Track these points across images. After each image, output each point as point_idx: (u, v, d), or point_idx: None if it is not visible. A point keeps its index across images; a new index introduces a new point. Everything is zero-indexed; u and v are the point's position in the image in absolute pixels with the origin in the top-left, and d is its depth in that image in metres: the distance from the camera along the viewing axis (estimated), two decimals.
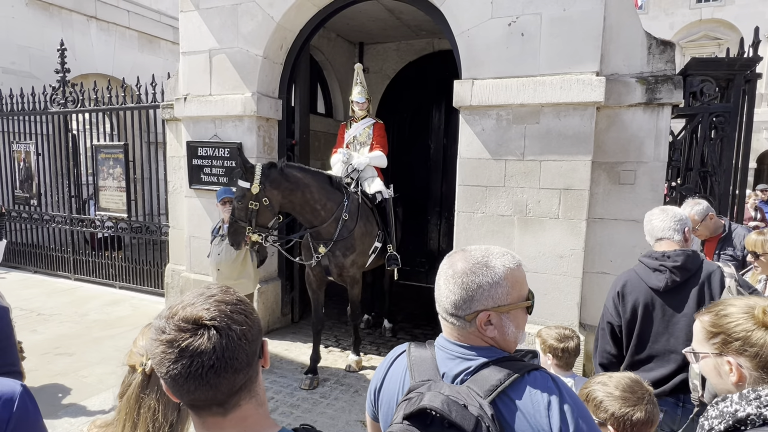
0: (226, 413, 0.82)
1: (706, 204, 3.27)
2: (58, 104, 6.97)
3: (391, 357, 1.24)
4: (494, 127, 3.96)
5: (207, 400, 0.81)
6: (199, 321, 0.79)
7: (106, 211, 6.70)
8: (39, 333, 5.07)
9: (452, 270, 1.08)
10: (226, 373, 0.78)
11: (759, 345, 1.09)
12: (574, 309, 3.86)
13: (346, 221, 4.09)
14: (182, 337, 0.78)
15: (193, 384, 0.78)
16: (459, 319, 1.07)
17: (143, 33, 10.31)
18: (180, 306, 0.82)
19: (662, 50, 3.70)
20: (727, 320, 1.15)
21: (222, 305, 0.82)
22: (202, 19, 5.08)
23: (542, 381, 1.01)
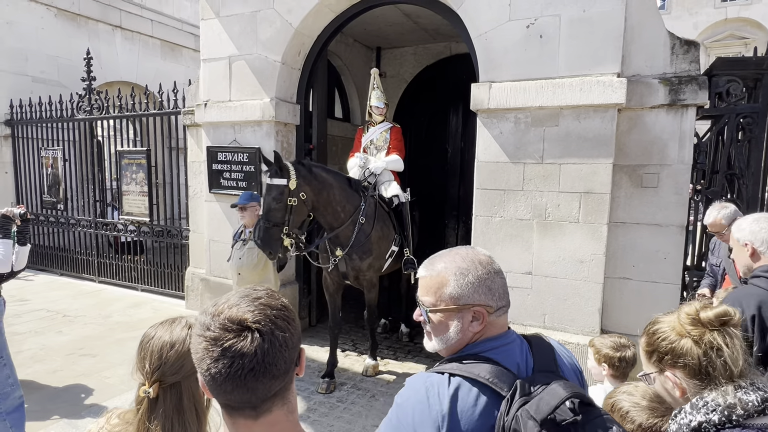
0: (258, 417, 0.83)
1: (733, 208, 3.17)
2: (84, 111, 7.17)
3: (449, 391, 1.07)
4: (512, 130, 3.92)
5: (241, 402, 0.81)
6: (244, 323, 0.79)
7: (129, 215, 6.85)
8: (64, 334, 5.20)
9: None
10: (264, 378, 0.79)
11: (684, 354, 1.09)
12: (595, 315, 3.78)
13: (362, 225, 4.09)
14: (226, 337, 0.78)
15: (231, 385, 0.78)
16: None
17: (166, 41, 10.55)
18: (226, 305, 0.82)
19: (686, 50, 3.61)
20: (656, 336, 1.15)
21: (267, 309, 0.82)
22: (222, 27, 5.17)
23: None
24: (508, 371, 1.04)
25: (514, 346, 1.11)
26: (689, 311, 1.13)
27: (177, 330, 1.15)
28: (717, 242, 3.40)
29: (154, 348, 1.12)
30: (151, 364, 1.10)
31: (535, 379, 1.02)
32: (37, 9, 8.31)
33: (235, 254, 4.27)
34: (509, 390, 1.00)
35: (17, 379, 2.84)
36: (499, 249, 4.04)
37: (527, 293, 3.99)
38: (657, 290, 3.77)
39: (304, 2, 4.70)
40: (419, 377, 1.09)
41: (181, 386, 1.11)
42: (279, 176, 3.62)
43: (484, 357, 1.07)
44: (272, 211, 3.61)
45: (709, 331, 1.09)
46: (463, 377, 1.03)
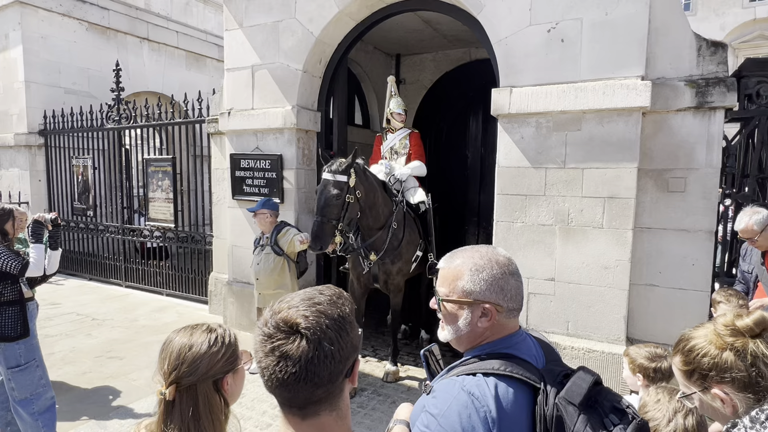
0: (304, 418, 0.85)
1: (766, 213, 3.07)
2: (113, 121, 7.41)
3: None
4: (534, 135, 3.89)
5: (286, 400, 0.85)
6: (295, 327, 0.82)
7: (155, 221, 7.03)
8: (93, 337, 5.34)
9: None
10: (305, 384, 0.81)
11: (730, 367, 1.05)
12: (621, 322, 3.69)
13: (395, 230, 4.15)
14: (277, 336, 0.82)
15: (275, 382, 0.82)
16: None
17: (190, 52, 10.83)
18: (286, 305, 0.86)
19: (713, 51, 3.53)
20: (694, 354, 1.11)
21: (322, 317, 0.84)
22: (246, 37, 5.28)
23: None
24: (529, 365, 1.09)
25: (529, 342, 1.17)
26: (726, 322, 1.10)
27: (197, 334, 1.18)
28: (748, 248, 3.29)
29: (174, 349, 1.15)
30: (169, 365, 1.13)
31: (553, 369, 1.09)
32: (69, 24, 8.64)
33: (254, 259, 4.35)
34: (540, 381, 1.04)
35: (49, 380, 2.93)
36: (520, 255, 3.99)
37: (550, 300, 3.93)
38: (686, 298, 3.67)
39: (324, 11, 4.78)
40: (451, 383, 1.08)
41: (197, 390, 1.12)
42: (341, 172, 3.66)
43: (507, 353, 1.10)
44: (329, 207, 3.63)
45: (751, 340, 1.06)
46: (496, 375, 1.05)
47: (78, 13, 8.70)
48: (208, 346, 1.15)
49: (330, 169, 3.70)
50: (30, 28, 8.17)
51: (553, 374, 1.06)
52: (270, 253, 4.22)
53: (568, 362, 3.83)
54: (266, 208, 4.27)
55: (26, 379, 2.76)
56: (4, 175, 8.78)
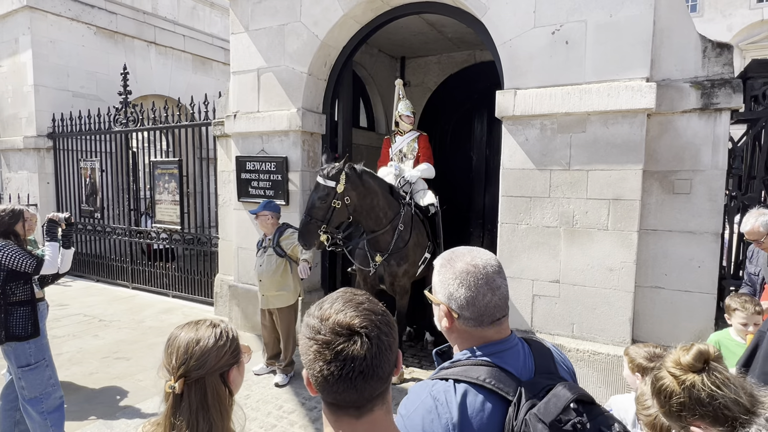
0: (361, 416, 0.86)
1: None
2: (120, 124, 7.48)
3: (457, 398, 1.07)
4: (538, 137, 3.89)
5: (348, 402, 0.85)
6: (353, 327, 0.84)
7: (161, 223, 7.08)
8: (100, 338, 5.39)
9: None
10: (372, 380, 0.83)
11: (694, 404, 1.07)
12: (626, 325, 3.68)
13: (401, 232, 4.17)
14: (338, 341, 0.82)
15: (342, 386, 0.82)
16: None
17: (197, 55, 10.92)
18: (332, 310, 0.87)
19: (719, 53, 3.52)
20: (662, 396, 1.13)
21: (371, 315, 0.87)
22: (251, 40, 5.33)
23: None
24: (510, 375, 1.04)
25: (517, 350, 1.11)
26: (672, 362, 1.13)
27: (202, 329, 1.21)
28: (755, 250, 3.28)
29: (181, 344, 1.16)
30: (177, 359, 1.15)
31: (538, 383, 1.03)
32: (78, 28, 8.74)
33: (257, 261, 4.38)
34: (514, 394, 1.00)
35: (58, 380, 2.97)
36: (525, 257, 3.99)
37: (555, 302, 3.93)
38: (692, 300, 3.65)
39: (330, 14, 4.81)
40: (423, 386, 1.09)
41: (205, 382, 1.14)
42: (330, 178, 3.75)
43: (486, 361, 1.07)
44: (315, 208, 3.76)
45: (696, 375, 1.08)
46: (468, 383, 1.03)
47: (86, 18, 8.80)
48: (215, 340, 1.18)
49: (322, 174, 3.80)
50: (39, 32, 8.27)
51: (536, 387, 1.02)
52: (272, 254, 4.25)
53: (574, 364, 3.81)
54: (268, 210, 4.30)
55: (36, 378, 2.80)
56: (13, 177, 8.88)
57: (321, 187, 3.76)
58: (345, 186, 3.76)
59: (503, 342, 1.10)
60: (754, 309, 2.48)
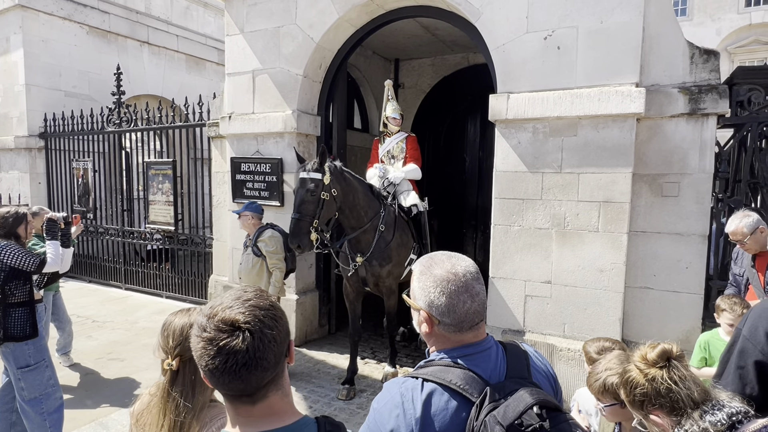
0: (255, 403, 0.94)
1: (757, 217, 3.14)
2: (113, 124, 7.46)
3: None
4: (530, 140, 3.96)
5: (238, 392, 0.92)
6: (235, 324, 0.90)
7: (155, 224, 7.07)
8: (94, 339, 5.38)
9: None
10: (255, 370, 0.89)
11: (653, 395, 1.20)
12: (616, 325, 3.76)
13: (383, 232, 4.17)
14: (220, 337, 0.89)
15: (228, 377, 0.89)
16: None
17: (190, 55, 10.89)
18: (220, 308, 0.93)
19: (706, 59, 3.61)
20: (629, 386, 1.26)
21: (256, 310, 0.93)
22: (246, 42, 5.35)
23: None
24: (479, 378, 1.07)
25: (490, 353, 1.14)
26: (639, 356, 1.26)
27: (194, 315, 1.35)
28: (740, 251, 3.36)
29: (176, 327, 1.33)
30: (173, 340, 1.31)
31: (505, 386, 1.06)
32: (70, 27, 8.69)
33: (240, 260, 4.44)
34: (479, 396, 1.03)
35: (58, 381, 2.98)
36: (518, 258, 4.06)
37: (546, 302, 3.99)
38: (679, 300, 3.74)
39: (325, 17, 4.85)
40: (396, 382, 1.14)
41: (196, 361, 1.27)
42: (315, 171, 3.74)
43: (458, 363, 1.10)
44: (305, 203, 3.71)
45: (659, 371, 1.21)
46: (436, 383, 1.07)
47: (79, 17, 8.75)
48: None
49: (305, 168, 3.79)
50: (31, 31, 8.21)
51: (502, 391, 1.04)
52: (250, 254, 4.28)
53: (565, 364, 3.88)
54: (250, 210, 4.35)
55: (36, 379, 2.81)
56: (3, 177, 8.81)
57: (308, 180, 3.72)
58: (331, 178, 3.76)
59: (477, 345, 1.14)
60: (742, 310, 2.57)
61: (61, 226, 2.92)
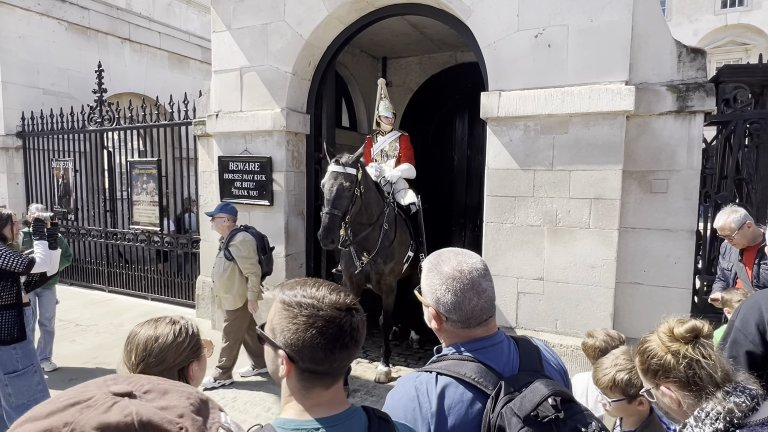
0: (331, 385, 0.96)
1: (744, 212, 3.21)
2: (95, 123, 7.27)
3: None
4: (522, 138, 3.98)
5: (337, 369, 0.96)
6: (348, 305, 0.96)
7: (139, 224, 6.92)
8: (78, 343, 5.24)
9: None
10: (356, 347, 0.97)
11: (671, 368, 1.18)
12: (607, 320, 3.80)
13: (386, 230, 4.17)
14: (341, 316, 0.93)
15: (344, 353, 0.94)
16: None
17: (173, 53, 10.68)
18: (320, 293, 0.95)
19: (693, 58, 3.67)
20: (646, 355, 1.24)
21: (350, 296, 0.99)
22: (234, 39, 5.26)
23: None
24: (493, 371, 1.08)
25: (502, 347, 1.15)
26: (665, 329, 1.24)
27: (161, 326, 1.26)
28: (728, 246, 3.44)
29: (140, 341, 1.22)
30: (136, 356, 1.21)
31: (520, 378, 1.07)
32: (48, 23, 8.44)
33: (214, 262, 4.32)
34: (494, 389, 1.04)
35: (46, 386, 2.89)
36: (510, 255, 4.08)
37: (539, 299, 4.02)
38: (669, 295, 3.80)
39: (314, 14, 4.80)
40: (410, 377, 1.15)
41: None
42: (351, 166, 3.69)
43: (470, 357, 1.11)
44: (340, 199, 3.65)
45: (684, 345, 1.19)
46: (450, 376, 1.08)
47: (57, 13, 8.50)
48: (173, 337, 1.23)
49: (339, 162, 3.71)
50: (7, 27, 7.95)
51: (516, 383, 1.05)
52: (222, 257, 4.17)
53: None
54: (224, 212, 4.21)
55: (24, 385, 2.72)
56: None
57: (343, 175, 3.63)
58: (362, 174, 3.73)
59: (488, 339, 1.15)
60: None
61: (48, 225, 2.83)
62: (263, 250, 4.27)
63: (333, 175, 3.69)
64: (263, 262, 4.25)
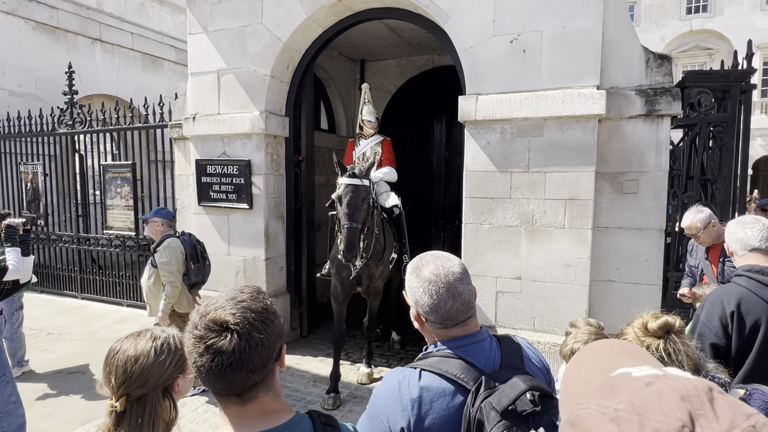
0: (245, 403, 0.94)
1: (709, 212, 3.36)
2: (66, 125, 7.07)
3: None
4: (499, 141, 4.07)
5: (225, 391, 0.93)
6: (224, 324, 0.90)
7: (113, 229, 6.76)
8: (50, 352, 5.09)
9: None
10: (241, 372, 0.90)
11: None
12: (583, 317, 3.91)
13: (377, 234, 4.19)
14: (209, 336, 0.90)
15: (213, 376, 0.90)
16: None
17: (146, 54, 10.49)
18: (212, 307, 0.94)
19: (660, 63, 3.83)
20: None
21: (247, 312, 0.93)
22: (210, 41, 5.21)
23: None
24: (474, 367, 1.13)
25: (484, 345, 1.20)
26: (639, 324, 1.31)
27: (142, 343, 1.20)
28: (694, 244, 3.59)
29: (119, 363, 1.16)
30: (116, 379, 1.16)
31: (500, 375, 1.11)
32: (14, 22, 8.18)
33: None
34: (475, 384, 1.09)
35: (20, 397, 2.81)
36: (488, 255, 4.16)
37: (517, 297, 4.12)
38: (640, 291, 3.94)
39: (292, 17, 4.80)
40: (394, 371, 1.21)
41: (146, 399, 1.16)
42: (365, 177, 3.69)
43: (453, 354, 1.16)
44: (360, 211, 3.65)
45: (656, 340, 1.27)
46: (434, 372, 1.13)
47: (23, 12, 8.25)
48: (155, 356, 1.18)
49: (353, 173, 3.71)
50: None
51: (497, 379, 1.09)
52: (149, 263, 3.97)
53: None
54: (158, 216, 4.04)
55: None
56: None
57: (361, 188, 3.62)
58: (371, 185, 3.74)
59: (470, 337, 1.20)
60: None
61: (20, 231, 2.76)
62: (196, 258, 4.02)
63: (349, 188, 3.66)
64: (192, 271, 3.96)
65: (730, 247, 2.17)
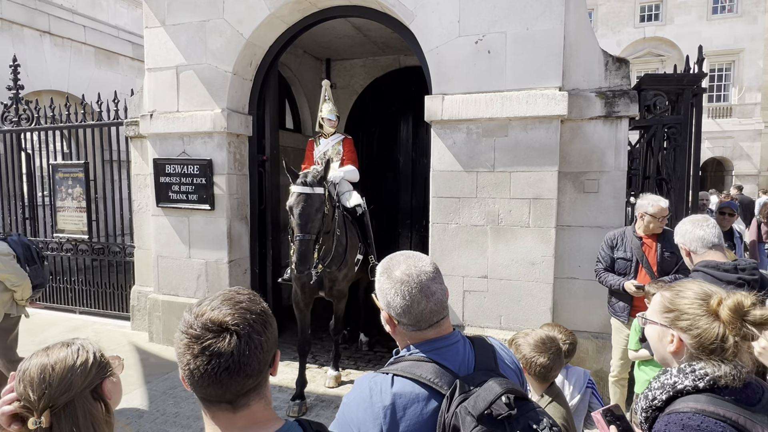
0: (236, 410, 0.89)
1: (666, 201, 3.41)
2: (10, 122, 6.64)
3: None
4: (465, 141, 4.09)
5: (217, 397, 0.87)
6: (224, 324, 0.86)
7: (65, 232, 6.40)
8: None
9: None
10: (238, 376, 0.85)
11: (702, 329, 1.20)
12: (547, 314, 3.99)
13: (338, 236, 4.08)
14: (206, 336, 0.85)
15: (207, 381, 0.85)
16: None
17: (100, 48, 10.01)
18: (209, 307, 0.88)
19: (618, 66, 3.95)
20: (683, 301, 1.25)
21: (247, 314, 0.88)
22: (169, 36, 5.01)
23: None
24: (448, 371, 1.10)
25: (458, 347, 1.16)
26: (738, 305, 1.16)
27: (54, 352, 1.08)
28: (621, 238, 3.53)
29: (34, 374, 1.03)
30: (34, 392, 1.01)
31: (474, 378, 1.08)
32: None
33: None
34: (449, 388, 1.05)
35: None
36: (456, 255, 4.18)
37: (484, 296, 4.15)
38: (600, 288, 4.03)
39: (255, 13, 4.67)
40: (365, 377, 1.16)
41: (75, 405, 1.03)
42: (318, 185, 3.56)
43: (426, 358, 1.13)
44: (314, 221, 3.50)
45: (741, 328, 1.16)
46: (407, 378, 1.09)
47: None
48: (73, 359, 1.06)
49: (305, 182, 3.56)
50: None
51: (472, 382, 1.06)
52: None
53: None
54: None
55: None
56: None
57: (313, 197, 3.48)
58: (327, 191, 3.61)
59: (443, 339, 1.16)
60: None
61: None
62: (32, 259, 3.71)
63: (301, 197, 3.51)
64: (30, 275, 3.61)
65: (687, 245, 2.22)
